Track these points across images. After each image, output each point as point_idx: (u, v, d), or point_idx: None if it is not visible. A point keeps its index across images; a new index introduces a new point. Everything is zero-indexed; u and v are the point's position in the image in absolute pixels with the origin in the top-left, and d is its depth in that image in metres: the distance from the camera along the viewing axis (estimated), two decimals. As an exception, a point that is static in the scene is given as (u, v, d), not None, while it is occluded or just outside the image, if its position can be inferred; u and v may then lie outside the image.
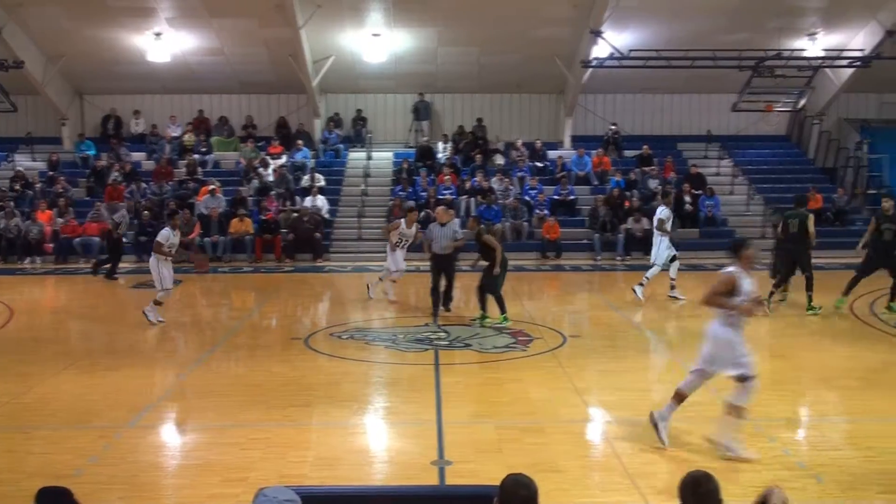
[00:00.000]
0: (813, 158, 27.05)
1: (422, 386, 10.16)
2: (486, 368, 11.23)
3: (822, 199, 23.49)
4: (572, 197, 23.92)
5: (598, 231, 22.34)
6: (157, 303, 13.93)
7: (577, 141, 26.47)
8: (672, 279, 16.26)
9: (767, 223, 21.91)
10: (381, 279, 16.35)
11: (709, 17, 22.20)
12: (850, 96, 26.65)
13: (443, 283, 14.49)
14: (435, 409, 9.18)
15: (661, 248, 15.97)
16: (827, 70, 24.02)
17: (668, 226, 16.04)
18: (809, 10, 22.73)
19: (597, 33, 21.64)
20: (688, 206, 23.21)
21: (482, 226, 14.28)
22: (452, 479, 7.19)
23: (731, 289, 7.56)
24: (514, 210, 22.83)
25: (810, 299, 14.51)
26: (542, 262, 21.76)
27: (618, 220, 22.44)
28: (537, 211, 23.14)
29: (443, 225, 14.39)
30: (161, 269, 13.85)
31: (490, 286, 13.43)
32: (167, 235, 14.03)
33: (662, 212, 16.12)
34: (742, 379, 7.58)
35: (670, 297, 16.11)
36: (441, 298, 14.43)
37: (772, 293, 14.70)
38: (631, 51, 21.92)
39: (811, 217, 14.76)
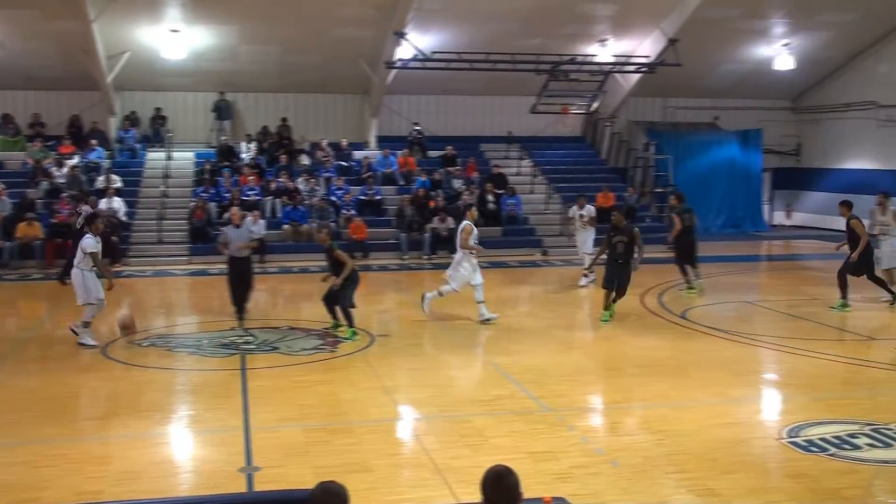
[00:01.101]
0: (606, 159, 28.46)
1: (228, 392, 9.96)
2: (294, 371, 11.12)
3: (615, 198, 24.71)
4: (379, 197, 24.07)
5: (405, 231, 22.59)
6: (87, 323, 12.24)
7: (383, 141, 26.65)
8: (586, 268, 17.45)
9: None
10: (441, 294, 14.31)
11: (507, 21, 22.91)
12: (638, 100, 28.30)
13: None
14: (242, 415, 9.02)
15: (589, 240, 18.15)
16: (617, 75, 25.36)
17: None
18: (599, 17, 23.90)
19: (400, 35, 21.90)
20: (490, 206, 23.86)
21: (334, 241, 13.84)
22: (261, 485, 7.10)
23: None
24: (320, 211, 22.70)
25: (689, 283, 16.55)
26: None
27: (424, 220, 22.76)
28: (344, 211, 23.11)
29: (237, 226, 14.13)
30: (87, 282, 12.21)
31: (340, 299, 12.92)
32: (93, 244, 12.15)
33: (588, 209, 18.57)
34: None
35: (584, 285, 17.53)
36: (242, 302, 14.13)
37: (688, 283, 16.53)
38: (433, 53, 22.33)
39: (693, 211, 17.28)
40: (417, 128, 26.75)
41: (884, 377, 10.76)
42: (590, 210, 18.71)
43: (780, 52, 26.08)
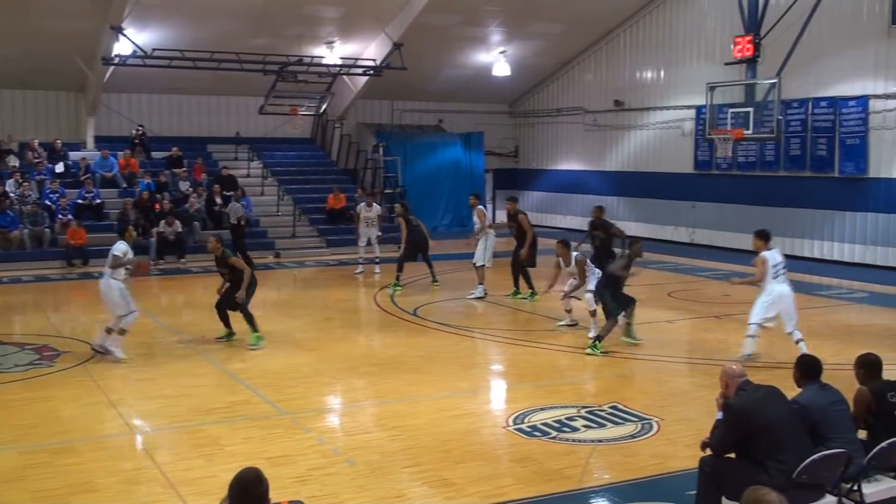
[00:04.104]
0: (336, 160, 28.65)
1: (-72, 417, 9.04)
2: (6, 390, 10.26)
3: (346, 199, 24.94)
4: (98, 201, 22.73)
5: (129, 235, 21.49)
6: (123, 331, 11.73)
7: (102, 141, 25.20)
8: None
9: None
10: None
11: (232, 20, 22.45)
12: (366, 102, 28.76)
13: None
14: (-54, 442, 8.24)
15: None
16: (345, 77, 25.60)
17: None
18: (326, 20, 24.00)
19: (118, 30, 20.80)
20: (219, 208, 23.24)
21: (227, 248, 12.94)
22: (-29, 517, 6.54)
23: None
24: (33, 216, 21.11)
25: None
26: (68, 270, 20.39)
27: (149, 224, 21.78)
28: (60, 216, 21.63)
29: None
30: (124, 291, 11.88)
31: (239, 304, 12.40)
32: (125, 250, 11.99)
33: (375, 208, 19.71)
34: None
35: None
36: None
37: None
38: (154, 49, 21.44)
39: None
40: (140, 128, 25.55)
41: (597, 363, 11.62)
42: (376, 209, 19.82)
43: (497, 59, 27.43)
